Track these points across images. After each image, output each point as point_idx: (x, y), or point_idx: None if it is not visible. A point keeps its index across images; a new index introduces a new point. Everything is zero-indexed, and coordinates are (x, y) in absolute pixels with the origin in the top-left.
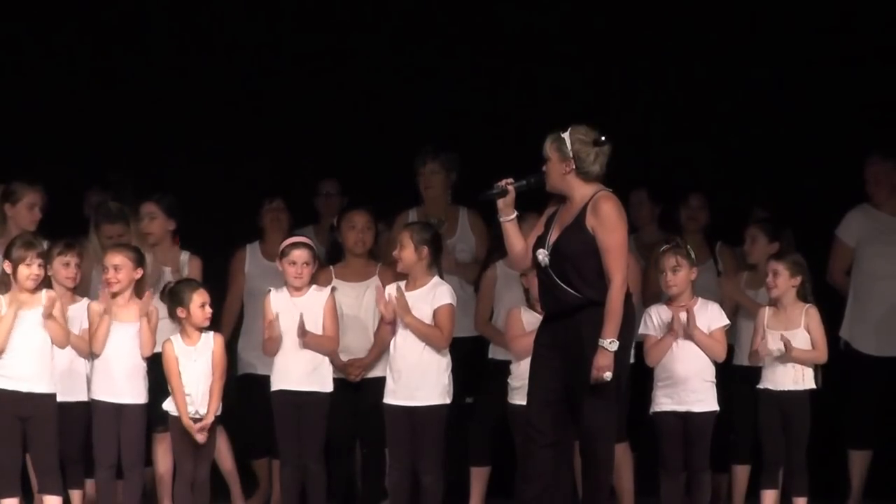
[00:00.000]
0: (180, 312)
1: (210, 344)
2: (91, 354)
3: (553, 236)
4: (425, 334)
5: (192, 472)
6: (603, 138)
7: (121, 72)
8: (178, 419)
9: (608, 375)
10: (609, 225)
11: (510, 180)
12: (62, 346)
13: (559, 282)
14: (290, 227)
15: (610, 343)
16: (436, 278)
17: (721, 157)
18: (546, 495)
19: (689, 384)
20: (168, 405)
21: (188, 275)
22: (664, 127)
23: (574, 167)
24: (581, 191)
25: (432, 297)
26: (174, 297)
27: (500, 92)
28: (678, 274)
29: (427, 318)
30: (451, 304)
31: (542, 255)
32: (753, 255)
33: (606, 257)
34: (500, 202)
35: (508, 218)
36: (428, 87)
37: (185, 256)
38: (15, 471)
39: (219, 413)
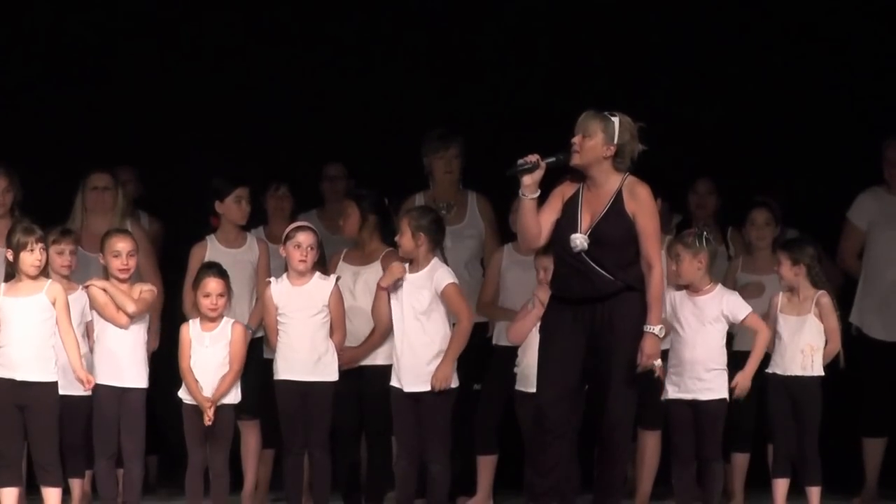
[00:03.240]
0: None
1: (227, 333)
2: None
3: (586, 221)
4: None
5: (203, 461)
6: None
7: (123, 64)
8: (189, 407)
9: (659, 363)
10: (649, 210)
11: (537, 156)
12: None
13: (596, 267)
14: (293, 214)
15: (660, 330)
16: (434, 261)
17: (731, 141)
18: (558, 487)
19: (694, 372)
20: (181, 393)
21: None
22: (667, 116)
23: (614, 153)
24: (612, 176)
25: (432, 280)
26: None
27: (502, 78)
28: (681, 264)
29: (428, 300)
30: (454, 282)
31: (581, 240)
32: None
33: (646, 242)
34: (527, 178)
35: (533, 195)
36: (431, 72)
37: None
38: (16, 460)
39: (237, 402)
